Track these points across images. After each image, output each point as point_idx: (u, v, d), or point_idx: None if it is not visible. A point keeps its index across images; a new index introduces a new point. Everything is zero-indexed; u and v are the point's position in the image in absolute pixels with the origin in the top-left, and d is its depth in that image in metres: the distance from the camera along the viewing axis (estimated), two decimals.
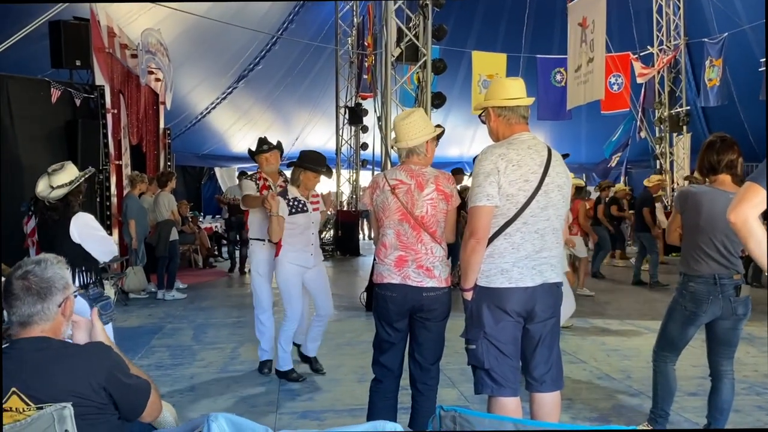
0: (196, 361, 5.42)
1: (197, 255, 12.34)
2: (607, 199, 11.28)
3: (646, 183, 10.29)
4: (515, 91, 2.82)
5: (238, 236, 11.40)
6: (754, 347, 5.71)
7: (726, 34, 13.45)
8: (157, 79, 11.17)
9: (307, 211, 4.58)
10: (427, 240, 3.02)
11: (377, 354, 3.19)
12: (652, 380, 3.52)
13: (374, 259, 3.22)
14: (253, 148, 5.25)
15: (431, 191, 3.04)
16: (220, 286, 10.00)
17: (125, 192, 8.64)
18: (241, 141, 18.85)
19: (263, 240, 4.97)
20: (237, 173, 14.16)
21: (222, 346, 5.92)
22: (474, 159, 3.30)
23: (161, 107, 11.78)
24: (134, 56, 9.72)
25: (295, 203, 4.56)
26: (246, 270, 11.01)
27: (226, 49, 14.28)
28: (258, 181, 5.04)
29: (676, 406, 3.73)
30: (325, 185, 24.76)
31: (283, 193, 4.62)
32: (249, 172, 5.52)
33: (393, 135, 3.25)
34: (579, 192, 8.22)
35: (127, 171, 9.24)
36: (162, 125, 11.98)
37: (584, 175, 19.38)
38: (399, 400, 3.29)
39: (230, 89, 16.25)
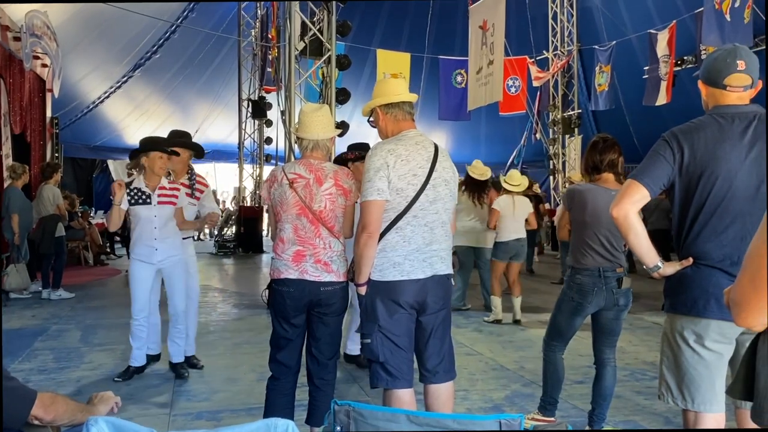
0: (84, 363, 5.12)
1: (87, 252, 11.70)
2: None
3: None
4: (399, 89, 2.92)
5: None
6: (636, 336, 6.10)
7: (614, 42, 14.28)
8: (44, 65, 10.49)
9: (149, 203, 4.43)
10: (325, 235, 3.01)
11: (274, 351, 3.15)
12: (543, 369, 3.68)
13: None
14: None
15: (330, 186, 3.03)
16: (111, 285, 9.53)
17: (6, 184, 8.04)
18: (137, 132, 18.03)
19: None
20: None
21: (113, 348, 5.63)
22: None
23: (48, 95, 11.08)
24: (17, 39, 9.07)
25: (137, 194, 4.43)
26: None
27: (120, 35, 13.60)
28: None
29: (564, 393, 3.91)
30: (226, 183, 23.97)
31: (129, 183, 4.47)
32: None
33: (297, 124, 3.19)
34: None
35: (8, 162, 8.61)
36: (49, 114, 11.28)
37: None
38: (297, 397, 3.26)
39: (125, 78, 15.51)
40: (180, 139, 4.92)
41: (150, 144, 4.49)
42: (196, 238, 19.68)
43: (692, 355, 2.28)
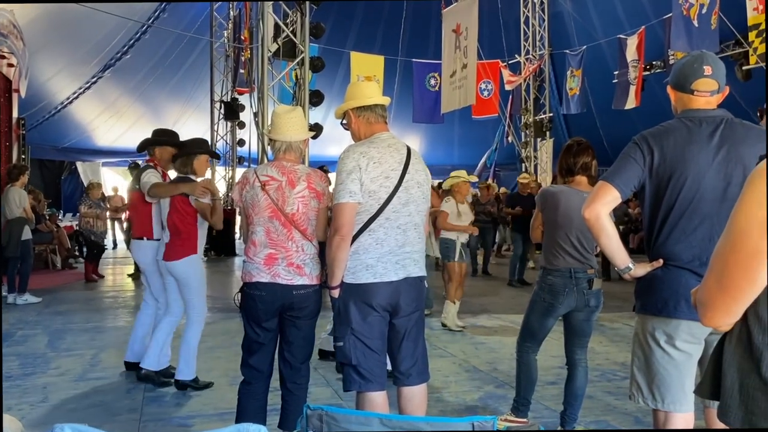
0: (51, 369, 5.01)
1: (55, 255, 11.47)
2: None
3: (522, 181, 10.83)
4: (371, 92, 2.92)
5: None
6: (606, 337, 6.17)
7: (585, 47, 14.47)
8: (10, 65, 10.25)
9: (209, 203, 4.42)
10: (297, 237, 2.98)
11: (246, 356, 3.12)
12: (516, 370, 3.70)
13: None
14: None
15: (303, 189, 3.01)
16: (79, 289, 9.35)
17: None
18: (107, 133, 17.80)
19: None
20: (130, 167, 13.26)
21: (81, 353, 5.52)
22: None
23: (14, 95, 10.82)
24: None
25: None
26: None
27: (90, 35, 13.37)
28: (157, 170, 4.71)
29: (536, 394, 3.93)
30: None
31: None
32: (140, 162, 5.07)
33: (270, 126, 3.18)
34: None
35: None
36: (15, 115, 11.01)
37: None
38: (270, 401, 3.23)
39: (95, 78, 15.25)
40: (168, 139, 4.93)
41: (204, 146, 4.61)
42: None
43: (663, 356, 2.31)
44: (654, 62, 12.99)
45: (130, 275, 10.29)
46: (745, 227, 1.22)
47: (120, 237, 15.37)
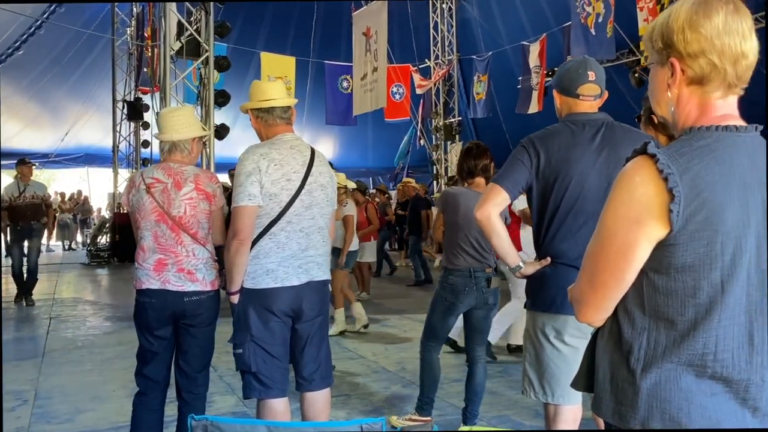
0: None
1: None
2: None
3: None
4: (272, 93, 2.84)
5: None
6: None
7: (491, 53, 14.89)
8: None
9: None
10: (187, 242, 2.87)
11: (140, 365, 2.99)
12: (420, 369, 3.74)
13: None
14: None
15: (190, 190, 2.89)
16: None
17: None
18: None
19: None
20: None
21: None
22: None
23: None
24: None
25: None
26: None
27: None
28: None
29: (442, 392, 3.99)
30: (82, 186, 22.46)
31: None
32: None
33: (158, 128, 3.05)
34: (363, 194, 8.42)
35: None
36: None
37: (371, 179, 20.25)
38: (170, 413, 3.11)
39: None
40: None
41: None
42: (67, 247, 18.42)
43: (552, 351, 2.40)
44: (555, 68, 13.48)
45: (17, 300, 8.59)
46: (612, 227, 1.27)
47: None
